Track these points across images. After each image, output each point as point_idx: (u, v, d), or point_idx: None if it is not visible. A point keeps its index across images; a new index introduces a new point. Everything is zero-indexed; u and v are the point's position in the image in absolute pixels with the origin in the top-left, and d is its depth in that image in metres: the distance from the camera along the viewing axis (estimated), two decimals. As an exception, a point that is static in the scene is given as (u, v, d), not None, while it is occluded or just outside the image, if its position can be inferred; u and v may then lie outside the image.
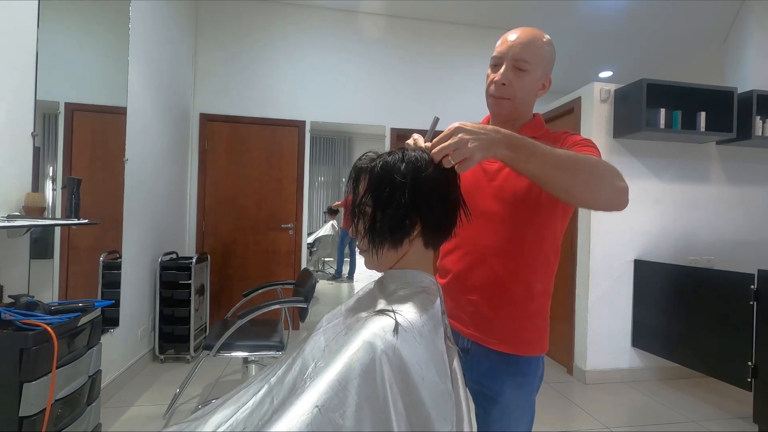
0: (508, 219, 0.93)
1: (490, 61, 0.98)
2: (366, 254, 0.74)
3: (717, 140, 3.00)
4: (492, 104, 0.99)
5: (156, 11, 2.91)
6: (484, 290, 0.95)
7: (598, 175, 0.79)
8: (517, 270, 0.93)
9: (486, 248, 0.95)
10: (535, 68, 0.93)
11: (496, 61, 0.96)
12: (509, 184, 0.93)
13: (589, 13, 3.97)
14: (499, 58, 0.95)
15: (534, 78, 0.95)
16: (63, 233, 2.00)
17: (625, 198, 0.81)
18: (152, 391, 2.53)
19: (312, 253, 7.18)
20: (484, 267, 0.95)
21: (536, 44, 0.93)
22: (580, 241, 2.99)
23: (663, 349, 2.76)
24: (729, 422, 2.37)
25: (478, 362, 0.96)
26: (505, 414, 0.93)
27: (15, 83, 1.65)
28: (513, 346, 0.93)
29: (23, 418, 1.22)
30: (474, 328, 0.96)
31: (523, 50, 0.92)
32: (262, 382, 0.74)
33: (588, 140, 0.92)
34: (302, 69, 3.92)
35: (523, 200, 0.92)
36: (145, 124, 2.76)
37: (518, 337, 0.93)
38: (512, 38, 0.94)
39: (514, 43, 0.93)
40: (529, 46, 0.93)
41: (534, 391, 0.96)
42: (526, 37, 0.93)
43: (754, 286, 2.20)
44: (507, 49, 0.94)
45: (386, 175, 0.69)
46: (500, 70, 0.94)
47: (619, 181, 0.80)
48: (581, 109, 3.03)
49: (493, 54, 0.97)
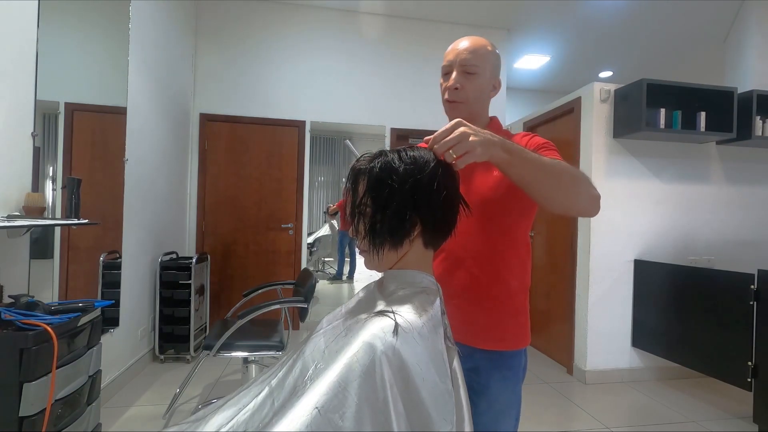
0: (479, 222, 0.97)
1: (442, 71, 1.03)
2: (366, 255, 0.75)
3: (717, 140, 3.00)
4: (449, 110, 1.04)
5: (156, 11, 2.91)
6: (464, 293, 0.99)
7: (578, 182, 0.84)
8: (494, 270, 0.98)
9: (462, 252, 0.99)
10: (483, 71, 0.99)
11: (447, 69, 1.02)
12: (476, 188, 0.98)
13: (589, 13, 3.97)
14: (449, 66, 1.01)
15: (484, 80, 1.00)
16: (63, 233, 2.00)
17: (598, 205, 0.88)
18: (152, 391, 2.53)
19: (312, 253, 7.19)
20: (463, 270, 0.99)
21: (482, 50, 0.99)
22: (580, 241, 2.99)
23: (663, 349, 2.76)
24: (729, 422, 2.37)
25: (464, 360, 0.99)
26: (492, 406, 0.97)
27: (15, 83, 1.65)
28: (497, 342, 0.97)
29: (23, 418, 1.22)
30: (458, 330, 0.98)
31: (470, 55, 0.98)
32: (262, 384, 0.74)
33: (551, 143, 0.98)
34: (302, 69, 3.92)
35: (491, 203, 0.97)
36: (145, 124, 2.76)
37: (501, 334, 0.98)
38: (460, 46, 1.00)
39: (461, 50, 0.99)
40: (476, 52, 0.99)
41: (519, 381, 1.00)
42: (472, 44, 1.00)
43: (754, 286, 2.20)
44: (455, 56, 1.00)
45: (386, 176, 0.69)
46: (451, 76, 1.00)
47: (593, 189, 0.86)
48: (581, 109, 3.03)
49: (443, 63, 1.03)
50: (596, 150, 2.90)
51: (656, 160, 2.97)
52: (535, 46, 4.68)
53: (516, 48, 4.67)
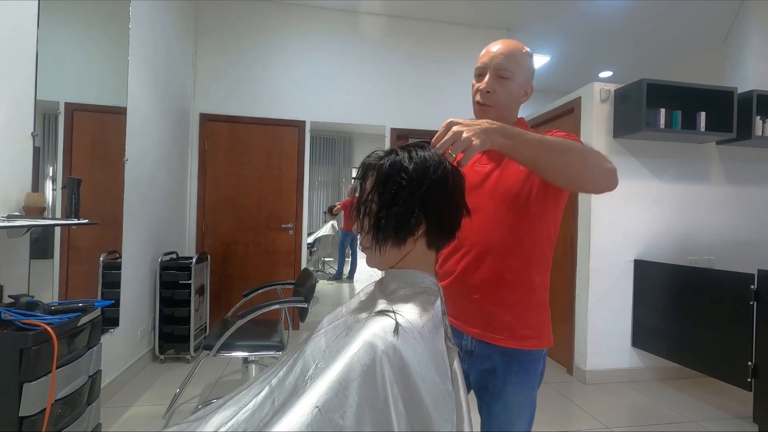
0: (502, 217, 0.97)
1: (475, 71, 1.03)
2: (368, 251, 0.75)
3: (717, 140, 3.00)
4: (477, 111, 1.04)
5: (156, 11, 2.91)
6: (486, 288, 0.97)
7: (587, 155, 0.86)
8: (517, 265, 0.96)
9: (484, 247, 0.98)
10: (516, 76, 0.99)
11: (480, 71, 1.01)
12: (501, 184, 0.98)
13: (589, 13, 3.97)
14: (483, 68, 1.01)
15: (516, 85, 1.00)
16: (63, 233, 2.00)
17: (614, 178, 0.88)
18: (152, 391, 2.53)
19: (312, 253, 7.19)
20: (485, 265, 0.98)
21: (517, 54, 0.99)
22: (580, 241, 2.99)
23: (663, 349, 2.76)
24: (729, 422, 2.37)
25: (481, 361, 0.98)
26: (507, 409, 0.96)
27: (15, 83, 1.65)
28: (518, 340, 0.95)
29: (23, 418, 1.22)
30: (479, 326, 0.98)
31: (505, 60, 0.98)
32: (263, 384, 0.74)
33: (573, 135, 0.97)
34: (302, 69, 3.92)
35: (515, 197, 0.96)
36: (145, 124, 2.76)
37: (522, 330, 0.96)
38: (495, 49, 1.00)
39: (496, 53, 0.99)
40: (511, 56, 0.99)
41: (536, 386, 0.98)
42: (507, 48, 0.99)
43: (754, 286, 2.20)
44: (490, 59, 0.99)
45: (395, 173, 0.70)
46: (484, 79, 1.00)
47: (606, 162, 0.87)
48: (581, 109, 3.03)
49: (477, 65, 1.03)
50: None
51: (656, 160, 2.97)
52: (535, 46, 4.68)
53: (516, 48, 4.66)
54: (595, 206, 2.87)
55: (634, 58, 5.06)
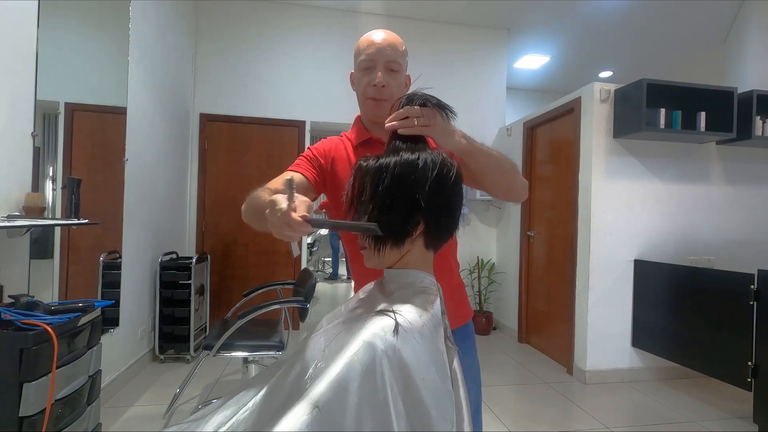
0: None
1: (359, 64, 0.99)
2: (366, 252, 0.74)
3: (717, 140, 3.00)
4: (372, 107, 1.01)
5: (156, 11, 2.91)
6: None
7: (514, 170, 0.92)
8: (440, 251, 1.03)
9: None
10: (402, 68, 1.00)
11: (368, 64, 0.97)
12: None
13: (589, 13, 3.97)
14: (370, 61, 0.97)
15: (402, 77, 1.01)
16: (63, 233, 2.00)
17: (526, 192, 0.97)
18: (152, 391, 2.53)
19: (312, 253, 7.19)
20: None
21: (399, 45, 0.99)
22: (580, 241, 2.99)
23: (663, 349, 2.76)
24: (729, 422, 2.37)
25: None
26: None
27: (15, 83, 1.65)
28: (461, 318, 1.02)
29: (23, 418, 1.22)
30: None
31: (393, 51, 0.97)
32: (262, 384, 0.74)
33: None
34: (302, 69, 3.92)
35: None
36: (145, 125, 2.76)
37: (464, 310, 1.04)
38: (380, 41, 0.96)
39: (383, 45, 0.96)
40: (397, 48, 0.98)
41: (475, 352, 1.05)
42: (392, 39, 0.98)
43: (754, 286, 2.20)
44: (377, 51, 0.96)
45: (395, 174, 0.69)
46: (375, 72, 0.96)
47: (522, 177, 0.96)
48: (581, 109, 3.03)
49: (361, 57, 0.98)
50: (596, 150, 2.90)
51: (656, 160, 2.97)
52: (535, 46, 4.68)
53: (516, 48, 4.67)
54: (595, 206, 2.87)
55: (634, 58, 5.06)
